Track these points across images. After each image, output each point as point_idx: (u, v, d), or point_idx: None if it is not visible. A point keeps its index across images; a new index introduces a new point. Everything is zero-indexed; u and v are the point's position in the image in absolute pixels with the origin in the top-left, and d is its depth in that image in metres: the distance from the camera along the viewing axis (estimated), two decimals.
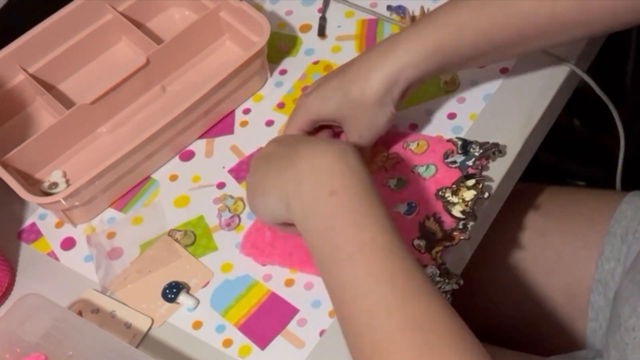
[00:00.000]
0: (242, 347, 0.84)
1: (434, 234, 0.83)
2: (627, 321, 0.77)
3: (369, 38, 1.02)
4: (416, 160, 0.89)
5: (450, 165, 0.87)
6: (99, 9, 1.01)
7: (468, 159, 0.87)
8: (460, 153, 0.88)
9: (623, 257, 0.95)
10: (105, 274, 0.89)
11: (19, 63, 0.98)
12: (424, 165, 0.88)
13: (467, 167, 0.87)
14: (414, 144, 0.90)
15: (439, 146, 0.89)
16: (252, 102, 1.00)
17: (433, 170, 0.88)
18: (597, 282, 0.97)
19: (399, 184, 0.88)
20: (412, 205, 0.86)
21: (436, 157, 0.88)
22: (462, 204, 0.84)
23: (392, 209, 0.86)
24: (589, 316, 0.97)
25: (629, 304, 0.77)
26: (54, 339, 0.79)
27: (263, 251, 0.87)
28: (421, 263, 0.81)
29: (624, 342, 0.77)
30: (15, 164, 0.93)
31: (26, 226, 0.94)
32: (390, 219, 0.71)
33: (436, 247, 0.83)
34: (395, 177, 0.88)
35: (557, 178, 1.44)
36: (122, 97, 0.97)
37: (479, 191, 0.85)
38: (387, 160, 0.90)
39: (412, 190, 0.87)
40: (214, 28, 1.01)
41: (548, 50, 0.96)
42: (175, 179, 0.95)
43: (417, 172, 0.88)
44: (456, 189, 0.85)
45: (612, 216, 0.98)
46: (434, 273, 0.80)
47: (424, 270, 0.70)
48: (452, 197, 0.85)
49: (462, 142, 0.88)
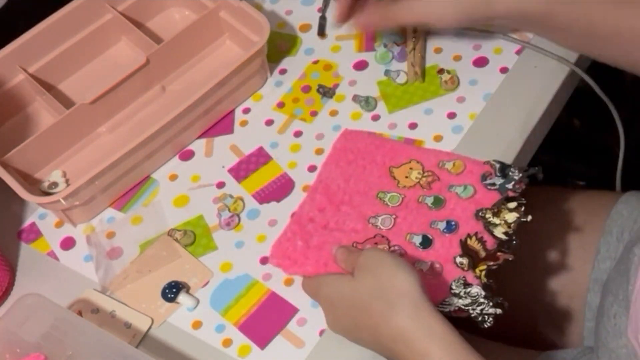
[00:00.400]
0: (242, 347, 0.84)
1: (477, 252, 0.82)
2: (610, 309, 0.77)
3: (368, 37, 1.02)
4: (453, 180, 0.88)
5: (489, 187, 0.86)
6: (99, 9, 1.01)
7: (508, 182, 0.85)
8: (498, 175, 0.86)
9: (619, 256, 0.95)
10: (105, 273, 0.89)
11: (19, 63, 0.98)
12: (462, 186, 0.87)
13: (507, 190, 0.85)
14: (449, 164, 0.89)
15: (476, 168, 0.88)
16: (252, 101, 1.00)
17: (471, 191, 0.86)
18: (594, 282, 0.97)
19: (437, 203, 0.86)
20: (452, 223, 0.84)
21: (474, 179, 0.87)
22: (505, 225, 0.83)
23: (431, 227, 0.85)
24: (586, 316, 0.97)
25: (611, 293, 0.77)
26: (53, 339, 0.79)
27: (295, 262, 0.85)
28: (465, 281, 0.80)
29: (606, 330, 0.77)
30: (15, 164, 0.93)
31: (26, 226, 0.94)
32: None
33: (480, 266, 0.81)
34: (433, 196, 0.87)
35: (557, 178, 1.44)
36: (122, 97, 0.97)
37: (521, 214, 0.83)
38: (422, 178, 0.89)
39: (451, 209, 0.86)
40: (213, 28, 1.01)
41: (548, 50, 0.96)
42: (175, 179, 0.95)
43: (455, 192, 0.87)
44: (497, 210, 0.83)
45: (608, 215, 0.98)
46: (479, 294, 0.79)
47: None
48: (493, 219, 0.83)
49: (500, 165, 0.87)
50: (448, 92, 0.96)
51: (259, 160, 0.95)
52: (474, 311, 0.78)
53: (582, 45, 0.91)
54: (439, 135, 0.93)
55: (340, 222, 0.87)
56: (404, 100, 0.96)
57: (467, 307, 0.79)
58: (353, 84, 0.99)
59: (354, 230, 0.86)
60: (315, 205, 0.89)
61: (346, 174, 0.91)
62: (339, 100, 0.98)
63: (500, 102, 0.95)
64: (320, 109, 0.98)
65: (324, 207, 0.88)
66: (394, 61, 0.99)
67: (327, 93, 0.98)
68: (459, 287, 0.80)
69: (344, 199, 0.89)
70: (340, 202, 0.88)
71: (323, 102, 0.98)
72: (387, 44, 1.00)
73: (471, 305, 0.79)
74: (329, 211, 0.88)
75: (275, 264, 0.86)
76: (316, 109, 0.98)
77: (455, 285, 0.80)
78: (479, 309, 0.78)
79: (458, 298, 0.79)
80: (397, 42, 1.00)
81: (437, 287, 0.81)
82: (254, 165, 0.95)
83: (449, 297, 0.80)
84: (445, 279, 0.81)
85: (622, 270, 0.78)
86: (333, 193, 0.89)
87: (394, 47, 0.99)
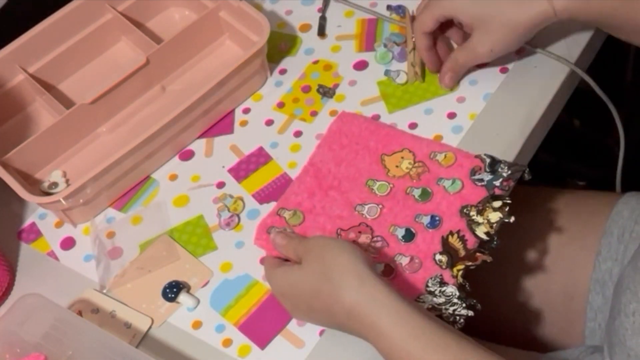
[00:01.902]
0: (242, 347, 0.84)
1: (457, 251, 0.82)
2: (627, 307, 0.77)
3: (368, 37, 1.02)
4: (442, 173, 0.88)
5: (477, 183, 0.86)
6: (99, 9, 1.01)
7: (495, 179, 0.85)
8: (487, 171, 0.86)
9: (620, 256, 0.95)
10: (105, 272, 0.89)
11: (19, 63, 0.98)
12: (450, 180, 0.87)
13: (494, 187, 0.85)
14: (441, 155, 0.89)
15: (466, 161, 0.88)
16: (252, 101, 1.00)
17: (459, 186, 0.86)
18: (595, 282, 0.97)
19: (424, 196, 0.87)
20: (436, 219, 0.85)
21: (463, 173, 0.87)
22: (487, 225, 0.83)
23: (415, 220, 0.85)
24: (588, 316, 0.97)
25: (629, 290, 0.77)
26: (54, 339, 0.79)
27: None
28: (441, 279, 0.80)
29: (624, 328, 0.77)
30: (15, 164, 0.93)
31: (26, 226, 0.94)
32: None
33: (458, 266, 0.81)
34: (420, 188, 0.87)
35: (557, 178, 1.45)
36: (122, 96, 0.97)
37: (504, 214, 0.83)
38: (412, 168, 0.89)
39: (437, 204, 0.86)
40: (213, 28, 1.01)
41: (548, 50, 0.96)
42: (175, 179, 0.95)
43: (443, 186, 0.87)
44: (482, 208, 0.83)
45: (609, 216, 0.98)
46: (453, 294, 0.79)
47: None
48: (477, 217, 0.83)
49: (490, 160, 0.87)
50: (448, 92, 0.96)
51: (259, 160, 0.95)
52: (446, 311, 0.79)
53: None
54: (439, 135, 0.93)
55: (327, 207, 0.87)
56: (404, 100, 0.96)
57: (440, 307, 0.79)
58: (353, 84, 0.99)
59: (339, 216, 0.87)
60: (305, 188, 0.89)
61: (338, 157, 0.91)
62: (339, 100, 0.98)
63: (500, 102, 0.95)
64: (320, 109, 0.98)
65: (313, 191, 0.89)
66: (394, 61, 0.99)
67: (327, 93, 0.98)
68: (435, 285, 0.80)
69: (333, 183, 0.89)
70: (329, 186, 0.89)
71: (323, 102, 0.98)
72: (387, 44, 1.00)
73: (444, 304, 0.79)
74: (317, 195, 0.88)
75: (259, 245, 0.87)
76: (316, 109, 0.98)
77: (431, 282, 0.80)
78: (451, 309, 0.79)
79: (433, 296, 0.80)
80: (397, 42, 1.00)
81: (413, 283, 0.82)
82: (254, 165, 0.95)
83: (424, 294, 0.80)
84: (423, 275, 0.82)
85: (639, 267, 0.78)
86: (323, 176, 0.90)
87: (394, 47, 0.99)
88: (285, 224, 0.87)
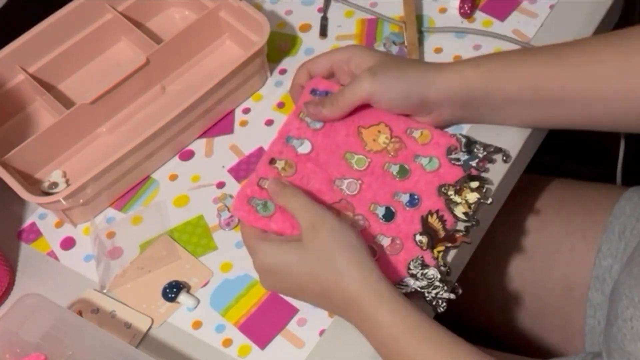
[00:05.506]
0: (241, 347, 0.84)
1: (436, 232, 0.83)
2: (624, 312, 0.77)
3: (368, 38, 1.02)
4: (419, 150, 0.88)
5: (454, 162, 0.87)
6: (99, 9, 1.01)
7: (472, 159, 0.87)
8: (463, 151, 0.87)
9: (620, 254, 0.95)
10: (105, 272, 0.89)
11: (19, 63, 0.98)
12: (427, 157, 0.87)
13: (470, 167, 0.87)
14: (417, 132, 0.89)
15: (442, 140, 0.88)
16: (251, 101, 1.00)
17: (436, 165, 0.87)
18: (595, 279, 0.97)
19: (402, 173, 0.87)
20: (415, 197, 0.85)
21: (439, 151, 0.88)
22: (465, 205, 0.84)
23: (394, 198, 0.85)
24: (587, 313, 0.97)
25: (626, 296, 0.77)
26: (54, 339, 0.79)
27: (249, 213, 0.83)
28: (423, 261, 0.81)
29: (622, 334, 0.77)
30: (15, 164, 0.93)
31: (26, 226, 0.94)
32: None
33: (438, 247, 0.82)
34: (398, 164, 0.87)
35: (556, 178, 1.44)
36: (122, 96, 0.97)
37: (482, 195, 0.85)
38: (389, 143, 0.89)
39: (415, 181, 0.86)
40: (213, 28, 1.01)
41: None
42: (175, 179, 0.95)
43: (420, 164, 0.87)
44: (459, 188, 0.85)
45: (611, 211, 0.98)
46: (435, 277, 0.80)
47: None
48: (455, 197, 0.85)
49: (466, 140, 0.88)
50: None
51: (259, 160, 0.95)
52: (429, 294, 0.80)
53: (533, 114, 0.89)
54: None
55: (305, 181, 0.86)
56: None
57: (423, 290, 0.80)
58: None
59: (319, 190, 0.86)
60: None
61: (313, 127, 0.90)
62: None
63: None
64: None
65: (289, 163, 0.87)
66: None
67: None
68: (417, 267, 0.81)
69: (310, 155, 0.88)
70: (306, 158, 0.88)
71: None
72: (387, 44, 1.00)
73: (427, 288, 0.80)
74: (293, 167, 0.87)
75: (238, 216, 0.86)
76: None
77: (413, 265, 0.81)
78: (434, 292, 0.80)
79: (415, 279, 0.80)
80: (396, 42, 1.00)
81: (395, 265, 0.82)
82: (254, 165, 0.95)
83: (406, 277, 0.81)
84: (404, 257, 0.82)
85: (635, 273, 0.78)
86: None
87: (393, 47, 0.99)
88: (263, 191, 0.84)
